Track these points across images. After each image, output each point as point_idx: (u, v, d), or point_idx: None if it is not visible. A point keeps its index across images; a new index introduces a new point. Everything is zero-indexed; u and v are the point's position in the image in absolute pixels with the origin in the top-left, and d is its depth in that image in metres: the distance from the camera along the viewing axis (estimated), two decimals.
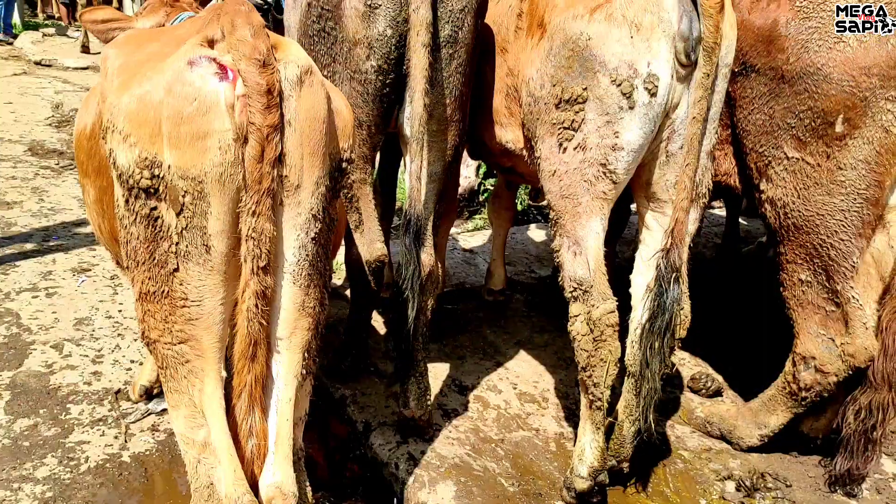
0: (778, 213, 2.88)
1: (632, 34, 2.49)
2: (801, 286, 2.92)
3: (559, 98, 2.64)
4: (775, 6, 2.77)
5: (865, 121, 2.62)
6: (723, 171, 3.12)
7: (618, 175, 2.63)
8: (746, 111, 2.87)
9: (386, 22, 2.65)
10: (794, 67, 2.69)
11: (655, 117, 2.57)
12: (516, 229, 5.94)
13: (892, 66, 2.55)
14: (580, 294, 2.75)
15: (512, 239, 5.66)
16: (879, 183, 2.69)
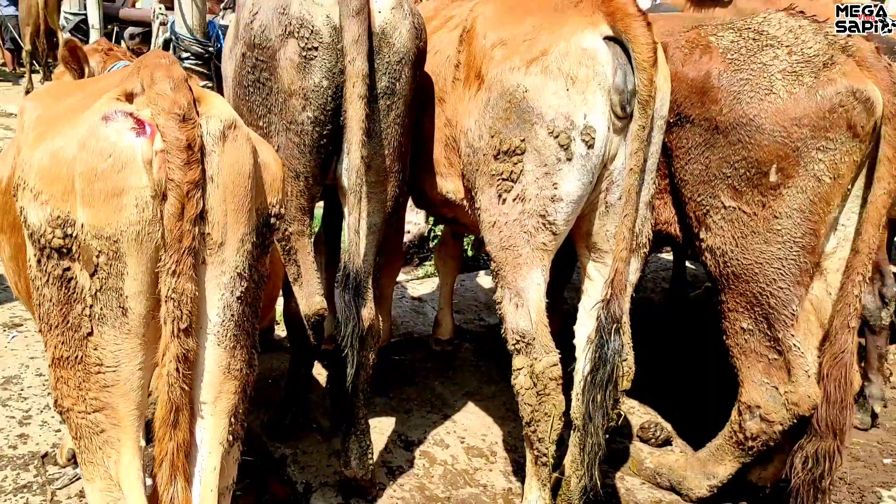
0: (718, 262, 2.89)
1: (568, 87, 2.50)
2: (744, 334, 2.92)
3: (498, 149, 2.63)
4: (707, 58, 2.81)
5: (798, 170, 2.65)
6: (663, 220, 3.13)
7: (557, 226, 2.61)
8: (684, 161, 2.90)
9: (322, 73, 2.61)
10: (727, 118, 2.73)
11: (593, 168, 2.57)
12: (466, 276, 5.90)
13: (822, 116, 2.59)
14: (523, 346, 2.70)
15: (461, 286, 5.61)
16: (815, 231, 2.72)
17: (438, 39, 3.10)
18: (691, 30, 2.95)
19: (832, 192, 2.67)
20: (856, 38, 2.70)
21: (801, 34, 2.70)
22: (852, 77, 2.60)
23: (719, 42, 2.81)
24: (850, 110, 2.58)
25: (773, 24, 2.77)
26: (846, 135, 2.60)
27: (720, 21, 2.96)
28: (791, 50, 2.68)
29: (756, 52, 2.72)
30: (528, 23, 2.63)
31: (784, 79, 2.64)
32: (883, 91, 2.61)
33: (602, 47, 2.51)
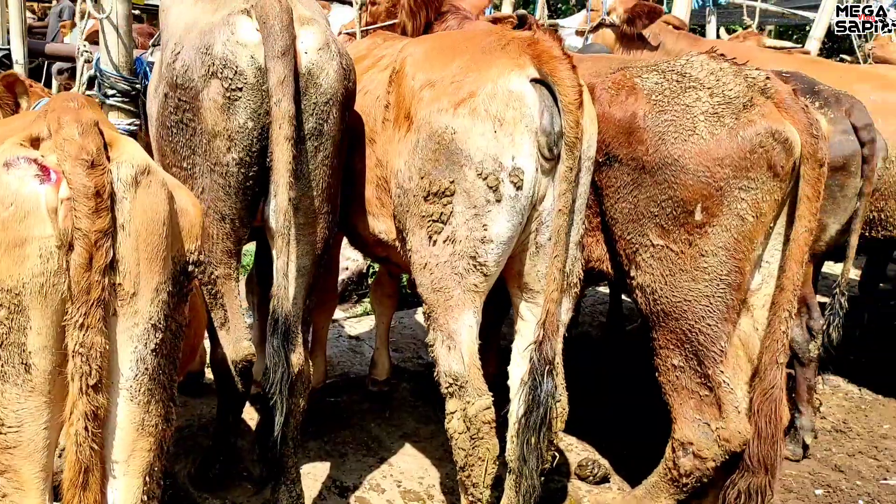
0: (648, 300, 2.91)
1: (495, 129, 2.50)
2: (675, 371, 2.94)
3: (427, 191, 2.61)
4: (633, 100, 2.86)
5: (722, 209, 2.70)
6: (596, 258, 3.14)
7: (488, 267, 2.60)
8: (613, 200, 2.93)
9: (247, 114, 2.56)
10: (653, 158, 2.77)
11: (523, 209, 2.57)
12: (404, 313, 5.85)
13: (743, 157, 2.66)
14: (456, 390, 2.66)
15: (399, 323, 5.56)
16: (740, 269, 2.77)
17: (369, 79, 3.08)
18: (617, 71, 3.00)
19: (755, 230, 2.73)
20: (774, 80, 2.78)
21: (722, 76, 2.78)
22: (771, 118, 2.68)
23: (644, 84, 2.87)
24: (769, 151, 2.65)
25: (695, 67, 2.83)
26: (767, 174, 2.67)
27: (645, 63, 3.02)
28: (713, 92, 2.74)
29: (679, 94, 2.78)
30: (456, 64, 2.63)
31: (706, 120, 2.70)
32: (800, 132, 2.69)
33: (529, 89, 2.52)
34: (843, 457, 4.28)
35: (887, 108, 4.18)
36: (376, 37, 3.67)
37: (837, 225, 3.90)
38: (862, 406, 4.99)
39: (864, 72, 4.76)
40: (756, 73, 2.78)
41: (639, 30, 4.82)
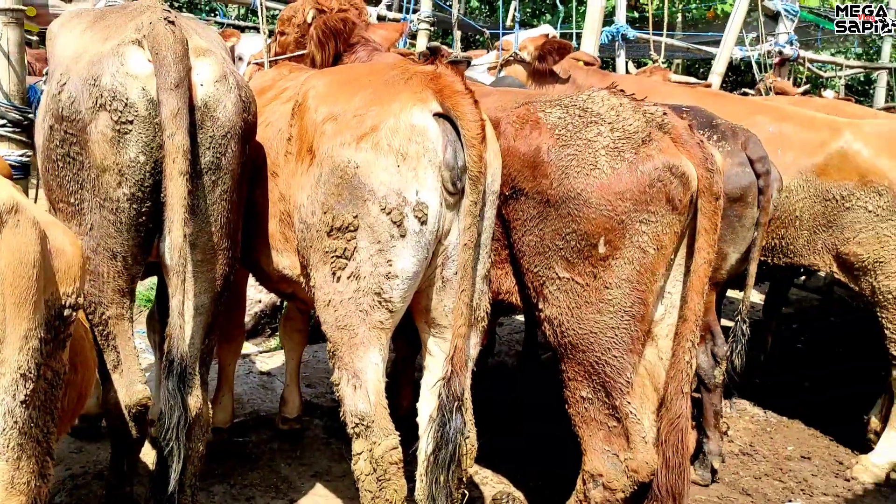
0: (555, 332, 2.92)
1: (398, 163, 2.47)
2: (584, 403, 2.95)
3: (331, 226, 2.55)
4: (537, 134, 2.88)
5: (624, 242, 2.74)
6: (505, 290, 3.14)
7: (394, 304, 2.55)
8: (520, 233, 2.93)
9: (138, 148, 2.45)
10: (557, 192, 2.79)
11: (428, 244, 2.54)
12: (319, 347, 5.71)
13: (643, 191, 2.71)
14: (362, 430, 2.59)
15: (313, 357, 5.43)
16: (643, 300, 2.80)
17: (271, 111, 3.02)
18: (522, 106, 3.03)
19: (657, 262, 2.78)
20: (671, 116, 2.85)
21: (622, 111, 2.83)
22: (668, 153, 2.74)
23: (548, 118, 2.90)
24: (667, 185, 2.71)
25: (596, 102, 2.88)
26: (666, 208, 2.72)
27: (549, 98, 3.06)
28: (613, 126, 2.79)
29: (581, 129, 2.81)
30: (359, 98, 2.60)
31: (607, 154, 2.74)
32: (696, 166, 2.76)
33: (432, 124, 2.51)
34: (750, 479, 4.39)
35: (784, 139, 4.38)
36: (282, 68, 3.60)
37: (737, 254, 4.04)
38: (767, 428, 5.15)
39: (761, 105, 4.98)
40: (654, 109, 2.85)
41: (549, 66, 4.91)
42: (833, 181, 4.21)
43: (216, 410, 3.99)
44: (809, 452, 4.82)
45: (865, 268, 4.19)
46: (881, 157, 4.12)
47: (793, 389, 5.89)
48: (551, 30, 5.43)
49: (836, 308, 8.08)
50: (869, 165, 4.12)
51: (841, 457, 4.78)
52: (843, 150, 4.21)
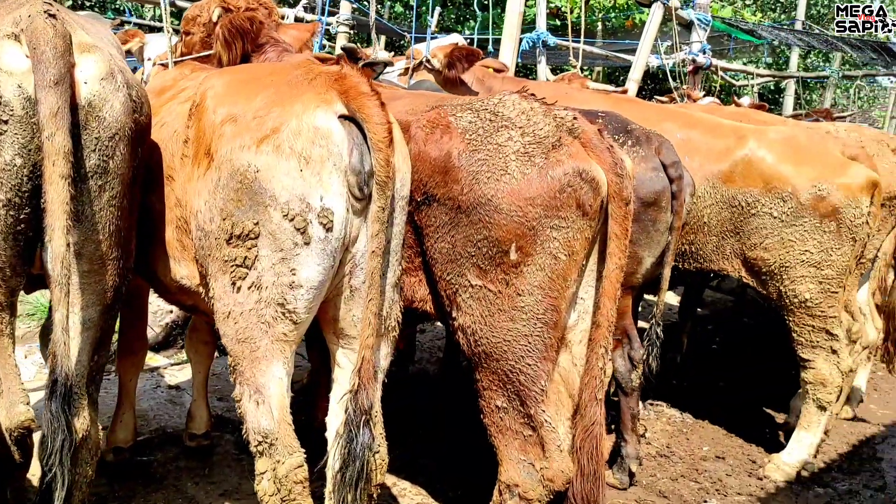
0: (469, 341, 2.85)
1: (301, 167, 2.36)
2: (499, 412, 2.89)
3: (230, 233, 2.41)
4: (448, 138, 2.82)
5: (536, 248, 2.70)
6: (419, 298, 3.06)
7: (298, 315, 2.44)
8: (432, 240, 2.86)
9: (14, 150, 2.26)
10: (468, 198, 2.73)
11: (334, 252, 2.44)
12: None
13: (553, 196, 2.67)
14: (265, 448, 2.46)
15: (226, 369, 5.21)
16: (556, 307, 2.77)
17: (168, 112, 2.85)
18: (432, 109, 2.95)
19: (569, 268, 2.75)
20: (581, 120, 2.83)
21: (533, 116, 2.79)
22: (578, 158, 2.71)
23: (458, 122, 2.83)
24: (577, 190, 2.68)
25: (507, 106, 2.84)
26: (576, 213, 2.70)
27: (459, 101, 3.00)
28: (524, 131, 2.75)
29: (492, 133, 2.76)
30: (259, 98, 2.48)
31: (518, 159, 2.70)
32: (606, 171, 2.75)
33: (336, 126, 2.41)
34: (667, 481, 4.44)
35: (691, 145, 4.45)
36: (185, 67, 3.43)
37: (652, 258, 4.07)
38: (684, 430, 5.23)
39: (671, 111, 5.06)
40: (564, 114, 2.82)
41: (459, 74, 4.87)
42: (739, 188, 4.29)
43: (117, 429, 3.78)
44: (724, 452, 4.91)
45: (772, 273, 4.29)
46: (784, 164, 4.23)
47: (708, 390, 6.02)
48: (460, 38, 5.40)
49: (749, 309, 8.33)
50: (773, 172, 4.22)
51: (754, 456, 4.89)
52: (747, 157, 4.30)
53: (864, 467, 4.90)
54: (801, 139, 4.32)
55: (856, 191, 4.09)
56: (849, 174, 4.12)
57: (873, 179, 4.14)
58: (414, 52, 5.04)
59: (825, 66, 19.39)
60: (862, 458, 5.05)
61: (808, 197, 4.13)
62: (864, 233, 4.16)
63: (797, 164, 4.19)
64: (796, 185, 4.15)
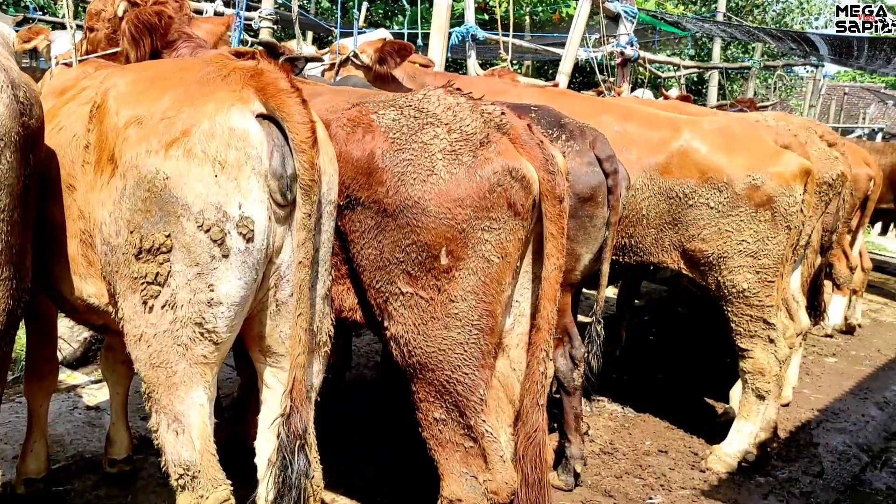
0: (402, 351, 2.69)
1: (216, 173, 2.15)
2: (438, 425, 2.74)
3: (139, 247, 2.19)
4: (370, 137, 2.64)
5: (467, 252, 2.55)
6: (348, 307, 2.88)
7: (219, 334, 2.23)
8: (358, 246, 2.68)
9: None
10: (394, 201, 2.56)
11: (256, 264, 2.24)
12: None
13: (483, 196, 2.53)
14: (188, 481, 2.25)
15: None
16: (491, 312, 2.63)
17: (66, 114, 2.60)
18: (353, 107, 2.77)
19: (503, 271, 2.61)
20: (509, 116, 2.69)
21: (459, 112, 2.64)
22: (507, 156, 2.58)
23: (381, 120, 2.66)
24: (508, 189, 2.55)
25: (432, 102, 2.68)
26: (508, 214, 2.56)
27: (382, 98, 2.83)
28: (450, 128, 2.59)
29: (417, 131, 2.60)
30: (167, 98, 2.25)
31: (444, 158, 2.54)
32: (538, 168, 2.62)
33: (254, 127, 2.21)
34: (612, 479, 4.38)
35: (628, 138, 4.39)
36: (88, 65, 3.16)
37: (590, 254, 3.98)
38: (626, 425, 5.19)
39: (607, 104, 5.00)
40: (492, 109, 2.67)
41: (391, 69, 4.68)
42: (676, 179, 4.25)
43: (28, 459, 3.49)
44: (666, 446, 4.89)
45: (710, 263, 4.27)
46: (719, 154, 4.21)
47: (647, 382, 6.02)
48: (388, 34, 5.22)
49: (682, 299, 8.42)
50: (708, 162, 4.20)
51: (696, 448, 4.89)
52: (683, 148, 4.27)
53: (801, 454, 4.96)
54: (734, 129, 4.31)
55: (789, 179, 4.10)
56: (782, 163, 4.13)
57: (806, 167, 4.16)
58: (340, 48, 4.83)
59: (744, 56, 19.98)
60: (799, 444, 5.12)
61: (743, 186, 4.12)
62: (798, 221, 4.18)
63: (731, 154, 4.17)
64: (731, 174, 4.13)
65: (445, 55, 6.49)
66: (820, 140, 5.15)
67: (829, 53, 10.34)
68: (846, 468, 4.91)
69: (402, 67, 4.78)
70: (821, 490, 4.52)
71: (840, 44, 9.72)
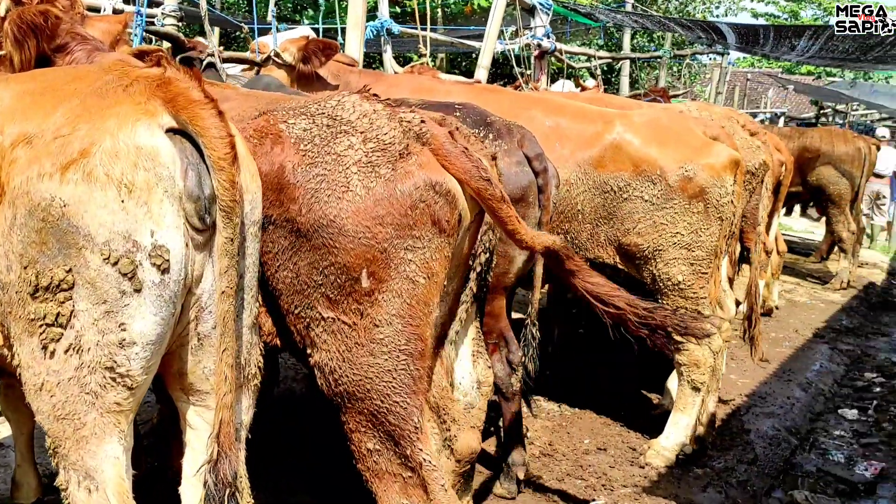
0: (328, 380, 2.48)
1: (123, 197, 1.90)
2: (372, 456, 2.55)
3: (35, 285, 1.91)
4: (280, 150, 2.41)
5: (390, 273, 2.36)
6: (267, 331, 2.65)
7: (133, 378, 1.98)
8: (273, 268, 2.45)
9: None
10: (308, 219, 2.35)
11: (173, 297, 2.00)
12: None
13: (404, 214, 2.35)
14: None
15: None
16: (419, 336, 2.45)
17: None
18: (261, 115, 2.54)
19: (429, 291, 2.43)
20: (429, 124, 2.50)
21: (376, 119, 2.44)
22: (430, 168, 2.39)
23: (291, 130, 2.43)
24: (432, 205, 2.37)
25: (346, 109, 2.46)
26: (433, 231, 2.38)
27: (292, 104, 2.59)
28: (366, 137, 2.39)
29: (330, 141, 2.39)
30: (61, 113, 1.97)
31: (360, 171, 2.34)
32: (470, 179, 2.43)
33: (165, 144, 1.97)
34: (554, 482, 4.31)
35: (560, 133, 4.30)
36: None
37: (523, 256, 3.87)
38: (563, 424, 5.14)
39: (536, 99, 4.90)
40: (410, 116, 2.48)
41: (316, 68, 4.43)
42: (610, 173, 4.20)
43: None
44: (605, 443, 4.86)
45: (646, 257, 4.24)
46: (651, 146, 4.17)
47: (581, 377, 5.99)
48: (309, 31, 4.97)
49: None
50: (641, 155, 4.16)
51: (634, 443, 4.88)
52: (616, 142, 4.21)
53: (735, 441, 5.03)
54: (664, 121, 4.30)
55: (720, 170, 4.11)
56: (713, 154, 4.14)
57: (736, 158, 4.17)
58: (259, 46, 4.55)
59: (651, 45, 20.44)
60: (732, 432, 5.19)
61: (676, 179, 4.10)
62: (730, 212, 4.19)
63: (664, 146, 4.15)
64: (664, 167, 4.11)
65: (363, 50, 6.25)
66: (742, 129, 5.21)
67: (736, 42, 10.62)
68: (777, 453, 5.01)
69: (327, 66, 4.55)
70: (756, 477, 4.59)
71: (747, 32, 9.99)
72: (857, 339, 8.27)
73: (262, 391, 4.80)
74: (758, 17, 30.89)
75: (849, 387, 6.76)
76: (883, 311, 9.79)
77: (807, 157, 10.41)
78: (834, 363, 7.21)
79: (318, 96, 2.66)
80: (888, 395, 6.46)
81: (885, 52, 9.53)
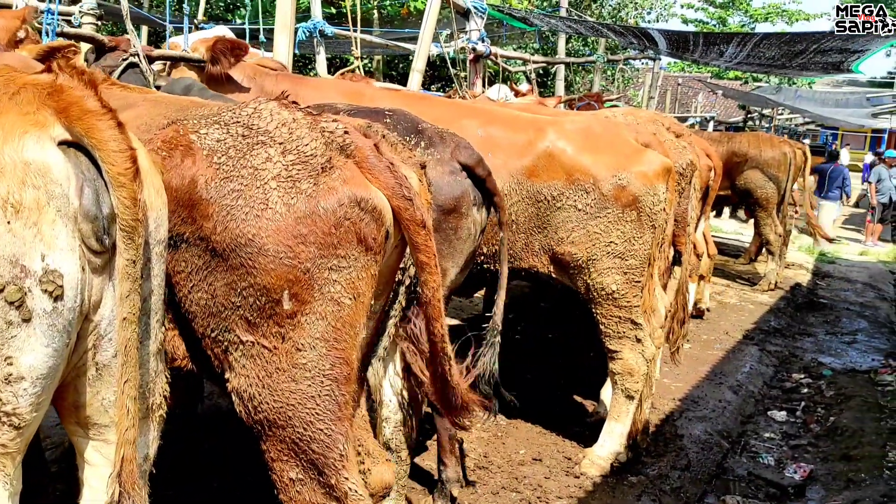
0: (247, 407, 2.33)
1: (9, 218, 1.72)
2: (295, 486, 2.41)
3: None
4: (191, 162, 2.26)
5: (313, 294, 2.23)
6: (181, 356, 2.51)
7: (21, 416, 1.80)
8: (186, 289, 2.29)
9: None
10: (223, 238, 2.20)
11: (68, 326, 1.83)
12: None
13: (328, 232, 2.22)
14: None
15: None
16: (345, 359, 2.32)
17: None
18: (170, 125, 2.37)
19: (355, 313, 2.31)
20: (353, 135, 2.37)
21: (296, 129, 2.29)
22: (354, 183, 2.27)
23: (203, 141, 2.28)
24: (357, 223, 2.25)
25: (264, 117, 2.31)
26: (358, 250, 2.26)
27: (204, 113, 2.43)
28: (285, 148, 2.25)
29: (246, 153, 2.24)
30: None
31: (280, 187, 2.20)
32: (391, 196, 2.33)
33: (57, 158, 1.79)
34: (489, 496, 4.24)
35: (492, 142, 4.23)
36: None
37: (457, 268, 3.78)
38: (499, 434, 5.08)
39: (468, 107, 4.82)
40: (333, 127, 2.34)
41: (225, 70, 4.23)
42: (543, 182, 4.15)
43: None
44: (540, 453, 4.82)
45: (580, 266, 4.20)
46: (584, 155, 4.14)
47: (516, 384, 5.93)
48: (227, 30, 4.78)
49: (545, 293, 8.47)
50: (574, 164, 4.12)
51: (569, 452, 4.85)
52: (548, 150, 4.16)
53: (669, 447, 5.04)
54: (596, 129, 4.27)
55: (653, 178, 4.10)
56: (645, 162, 4.13)
57: (668, 166, 4.18)
58: (171, 46, 4.33)
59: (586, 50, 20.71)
60: (666, 437, 5.21)
61: (609, 187, 4.07)
62: (662, 219, 4.19)
63: (597, 155, 4.12)
64: (597, 175, 4.08)
65: (293, 52, 6.07)
66: (667, 132, 5.25)
67: (667, 48, 10.79)
68: (710, 457, 5.05)
69: (242, 68, 4.36)
70: (689, 483, 4.61)
71: (677, 38, 10.16)
72: (785, 339, 8.47)
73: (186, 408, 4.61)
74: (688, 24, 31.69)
75: (777, 388, 6.90)
76: (808, 312, 10.08)
77: (735, 161, 10.65)
78: (763, 364, 7.36)
79: (232, 104, 2.51)
80: (815, 396, 6.62)
81: (808, 59, 9.84)
